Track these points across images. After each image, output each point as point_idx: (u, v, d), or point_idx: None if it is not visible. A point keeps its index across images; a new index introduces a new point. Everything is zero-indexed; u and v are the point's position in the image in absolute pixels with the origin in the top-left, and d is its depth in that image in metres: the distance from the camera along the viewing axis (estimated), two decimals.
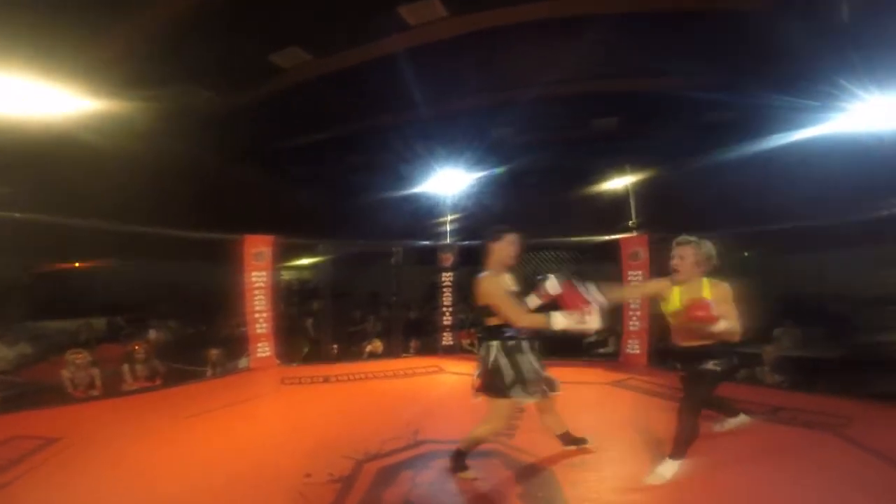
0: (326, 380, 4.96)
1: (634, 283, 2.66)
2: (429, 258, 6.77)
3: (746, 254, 6.08)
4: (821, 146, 5.18)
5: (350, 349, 6.67)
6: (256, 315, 5.53)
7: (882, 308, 5.12)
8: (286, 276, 9.11)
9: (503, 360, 2.41)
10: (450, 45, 5.46)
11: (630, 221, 6.54)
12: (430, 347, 6.38)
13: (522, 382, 2.40)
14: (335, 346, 6.47)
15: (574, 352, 5.97)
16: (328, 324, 6.48)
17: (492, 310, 2.41)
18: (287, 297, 7.90)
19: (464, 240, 6.64)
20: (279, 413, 4.08)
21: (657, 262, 5.29)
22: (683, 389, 2.61)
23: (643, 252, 5.44)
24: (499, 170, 7.70)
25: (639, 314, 5.33)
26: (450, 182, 7.10)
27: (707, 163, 6.71)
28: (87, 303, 7.65)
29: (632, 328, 5.43)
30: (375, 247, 7.63)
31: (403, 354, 6.24)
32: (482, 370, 2.48)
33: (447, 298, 6.35)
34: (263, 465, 2.72)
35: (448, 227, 6.91)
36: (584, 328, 2.29)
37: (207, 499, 2.37)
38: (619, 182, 7.29)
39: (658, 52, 5.38)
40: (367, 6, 4.86)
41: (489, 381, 2.44)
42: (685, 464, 2.42)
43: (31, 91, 4.05)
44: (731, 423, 2.90)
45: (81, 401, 4.26)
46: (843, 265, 5.98)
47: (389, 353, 6.24)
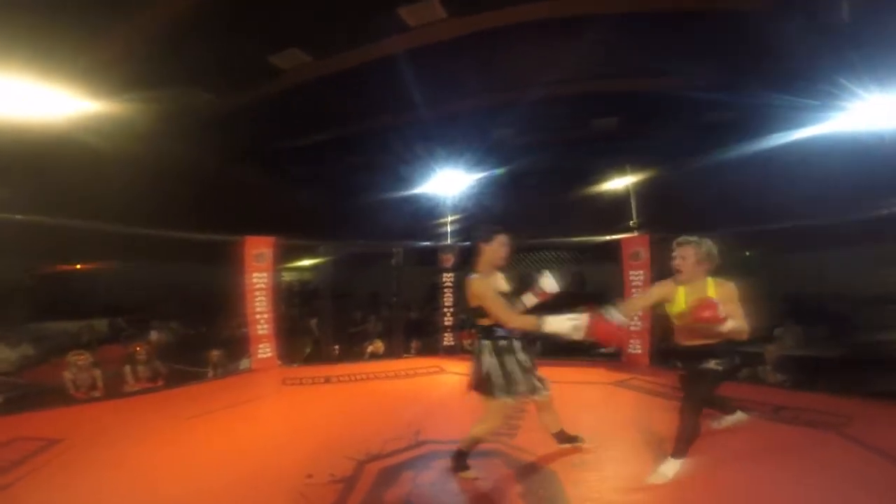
0: (328, 380, 4.96)
1: (640, 295, 2.67)
2: (429, 259, 6.78)
3: (748, 253, 6.08)
4: (821, 145, 5.18)
5: (351, 350, 6.67)
6: (257, 316, 5.53)
7: (883, 307, 5.12)
8: (287, 278, 9.12)
9: (493, 361, 2.42)
10: (449, 47, 5.45)
11: (631, 221, 6.55)
12: (432, 348, 6.37)
13: (510, 383, 2.41)
14: (336, 347, 6.48)
15: (576, 352, 5.97)
16: (329, 324, 6.49)
17: (483, 311, 2.42)
18: (288, 298, 7.91)
19: (464, 240, 6.65)
20: (281, 414, 4.09)
21: (658, 262, 5.31)
22: (682, 388, 2.61)
23: (644, 252, 5.44)
24: (499, 170, 7.70)
25: (640, 314, 5.32)
26: (450, 183, 7.11)
27: (707, 162, 6.71)
28: (89, 304, 7.65)
29: (633, 328, 5.42)
30: (376, 247, 7.63)
31: (405, 355, 6.24)
32: (473, 370, 2.49)
33: (448, 299, 6.35)
34: (265, 466, 2.73)
35: (449, 228, 6.92)
36: (576, 335, 2.28)
37: (209, 500, 2.38)
38: (620, 182, 7.31)
39: (658, 52, 5.37)
40: (367, 7, 4.86)
41: (479, 381, 2.45)
42: (687, 463, 2.42)
43: (31, 93, 4.06)
44: (728, 421, 2.90)
45: (83, 402, 4.26)
46: (844, 264, 5.98)
47: (391, 354, 6.24)
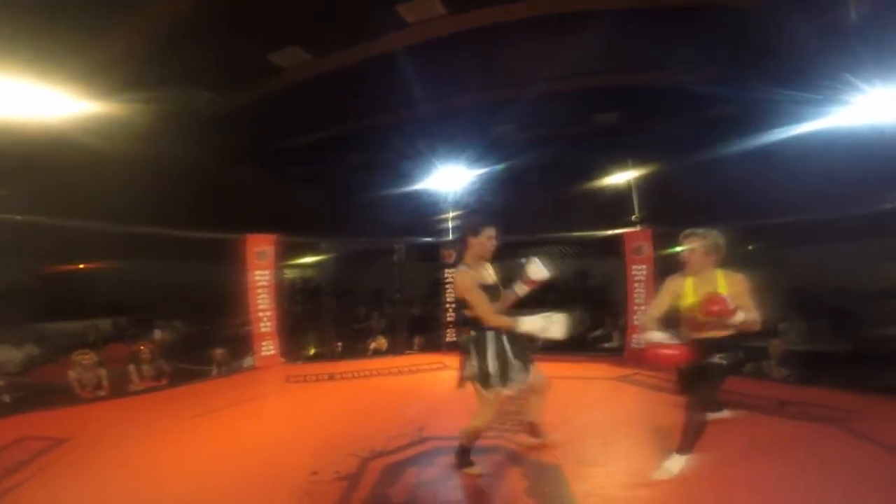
0: (331, 377, 4.98)
1: (654, 301, 2.67)
2: (431, 255, 6.78)
3: (750, 247, 6.05)
4: (823, 139, 5.14)
5: (354, 346, 6.69)
6: (260, 314, 5.54)
7: (886, 301, 5.10)
8: (289, 275, 9.13)
9: (484, 352, 2.42)
10: (449, 43, 5.43)
11: (633, 216, 6.52)
12: (434, 344, 6.38)
13: (503, 373, 2.41)
14: (339, 344, 6.49)
15: (579, 347, 5.97)
16: (332, 321, 6.50)
17: (469, 303, 2.43)
18: (291, 296, 7.92)
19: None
20: (285, 411, 4.10)
21: (660, 256, 5.30)
22: (680, 382, 2.61)
23: (647, 246, 5.43)
24: (500, 166, 7.67)
25: (644, 309, 5.31)
26: (451, 179, 7.09)
27: (709, 156, 6.67)
28: (93, 304, 7.68)
29: (637, 323, 5.42)
30: (378, 244, 7.63)
31: (407, 351, 6.25)
32: (465, 362, 2.49)
33: (450, 295, 6.35)
34: (269, 464, 2.74)
35: (450, 224, 6.91)
36: (550, 335, 2.32)
37: (214, 498, 2.39)
38: (622, 177, 7.28)
39: (659, 47, 5.34)
40: (366, 4, 4.84)
41: (472, 373, 2.45)
42: (692, 458, 2.42)
43: (31, 94, 4.05)
44: (713, 416, 2.87)
45: (89, 401, 4.29)
46: (847, 259, 5.94)
47: (393, 350, 6.26)
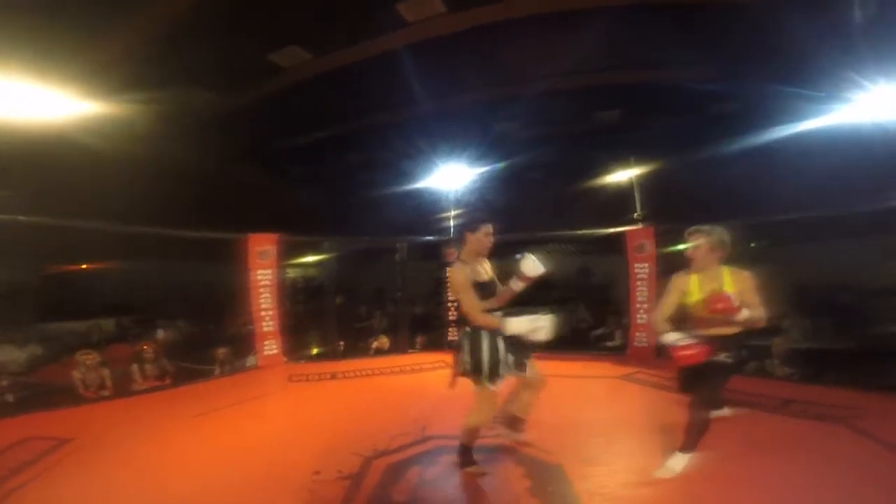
0: (334, 377, 4.98)
1: (666, 299, 2.66)
2: (433, 253, 6.77)
3: (753, 245, 6.04)
4: (826, 136, 5.11)
5: (356, 345, 6.70)
6: (263, 313, 5.55)
7: (890, 299, 5.07)
8: (291, 274, 9.14)
9: (479, 347, 2.41)
10: (449, 41, 5.42)
11: (635, 214, 6.50)
12: (437, 343, 6.37)
13: (498, 367, 2.40)
14: (342, 343, 6.49)
15: (581, 345, 5.97)
16: (334, 320, 6.50)
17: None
18: (293, 295, 7.93)
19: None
20: (287, 411, 4.10)
21: (663, 254, 5.28)
22: (680, 380, 2.61)
23: (649, 244, 5.41)
24: (502, 165, 7.66)
25: (646, 307, 5.30)
26: (453, 177, 7.08)
27: (712, 154, 6.65)
28: (96, 304, 7.71)
29: (639, 321, 5.40)
30: (380, 243, 7.63)
31: (410, 350, 6.25)
32: (459, 358, 2.49)
33: (451, 293, 6.35)
34: (272, 463, 2.74)
35: (452, 223, 6.90)
36: (536, 337, 2.34)
37: (217, 497, 2.39)
38: (624, 174, 7.25)
39: (660, 44, 5.31)
40: (366, 4, 4.83)
41: (467, 369, 2.44)
42: (695, 457, 2.41)
43: (31, 94, 4.05)
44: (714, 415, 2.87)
45: (92, 401, 4.30)
46: (851, 256, 5.92)
47: (396, 349, 6.25)
